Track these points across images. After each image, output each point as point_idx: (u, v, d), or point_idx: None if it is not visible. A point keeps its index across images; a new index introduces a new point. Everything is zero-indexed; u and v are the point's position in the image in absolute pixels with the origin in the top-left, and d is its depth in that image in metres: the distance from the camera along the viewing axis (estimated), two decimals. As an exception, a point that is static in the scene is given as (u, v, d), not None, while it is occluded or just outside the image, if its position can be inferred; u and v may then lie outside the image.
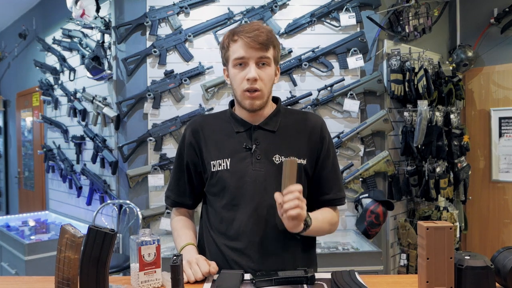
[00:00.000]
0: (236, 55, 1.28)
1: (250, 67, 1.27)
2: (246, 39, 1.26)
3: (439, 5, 3.38)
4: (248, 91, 1.28)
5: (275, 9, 2.93)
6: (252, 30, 1.27)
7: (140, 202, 2.96)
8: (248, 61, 1.28)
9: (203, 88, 2.90)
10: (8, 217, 4.04)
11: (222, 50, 1.34)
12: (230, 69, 1.32)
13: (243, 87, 1.29)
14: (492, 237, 3.68)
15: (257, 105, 1.31)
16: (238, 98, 1.33)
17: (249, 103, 1.30)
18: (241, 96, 1.30)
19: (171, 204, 1.48)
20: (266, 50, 1.28)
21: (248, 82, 1.27)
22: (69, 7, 2.96)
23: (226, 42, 1.31)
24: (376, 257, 2.45)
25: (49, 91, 4.00)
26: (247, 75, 1.27)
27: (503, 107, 3.62)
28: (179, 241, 1.40)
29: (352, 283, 1.13)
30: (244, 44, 1.26)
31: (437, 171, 2.99)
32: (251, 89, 1.28)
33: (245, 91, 1.29)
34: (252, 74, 1.26)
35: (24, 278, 1.38)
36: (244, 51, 1.27)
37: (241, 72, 1.29)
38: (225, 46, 1.32)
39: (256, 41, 1.26)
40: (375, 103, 2.97)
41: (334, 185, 1.40)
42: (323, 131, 1.39)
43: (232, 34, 1.30)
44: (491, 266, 1.04)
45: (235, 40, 1.28)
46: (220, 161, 1.33)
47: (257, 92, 1.29)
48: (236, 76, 1.30)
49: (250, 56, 1.27)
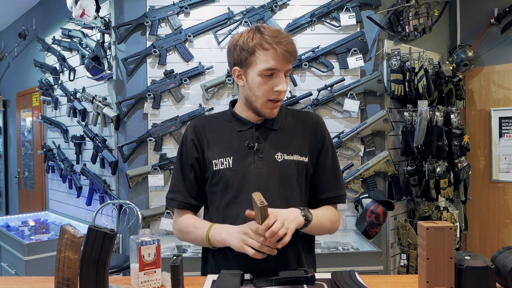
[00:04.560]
0: (268, 66, 1.25)
1: (280, 79, 1.26)
2: (282, 51, 1.24)
3: (439, 5, 3.38)
4: (273, 101, 1.29)
5: (275, 9, 2.92)
6: (289, 43, 1.25)
7: (140, 202, 2.96)
8: (278, 73, 1.26)
9: (203, 88, 2.90)
10: (8, 217, 4.04)
11: (243, 52, 1.27)
12: (252, 76, 1.28)
13: (269, 97, 1.28)
14: (492, 237, 3.68)
15: (276, 113, 1.33)
16: (257, 105, 1.30)
17: (269, 112, 1.31)
18: (263, 104, 1.29)
19: (178, 206, 1.39)
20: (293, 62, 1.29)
21: (276, 93, 1.27)
22: (69, 7, 2.96)
23: (251, 46, 1.26)
24: (376, 257, 2.45)
25: (49, 91, 3.99)
26: (277, 86, 1.26)
27: (503, 107, 3.62)
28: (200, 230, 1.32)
29: (352, 283, 1.13)
30: (278, 55, 1.24)
31: (437, 171, 2.99)
32: (276, 100, 1.28)
33: (269, 101, 1.29)
34: (284, 87, 1.27)
35: (24, 278, 1.38)
36: (277, 63, 1.25)
37: (269, 81, 1.27)
38: (248, 50, 1.26)
39: (292, 54, 1.26)
40: (375, 103, 2.97)
41: (335, 183, 1.40)
42: (323, 130, 1.40)
43: (260, 40, 1.25)
44: (491, 266, 1.04)
45: (266, 48, 1.24)
46: (222, 159, 1.33)
47: (279, 102, 1.30)
48: (262, 85, 1.27)
49: (282, 68, 1.26)
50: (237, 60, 1.30)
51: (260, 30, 1.27)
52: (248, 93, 1.31)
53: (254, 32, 1.27)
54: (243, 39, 1.28)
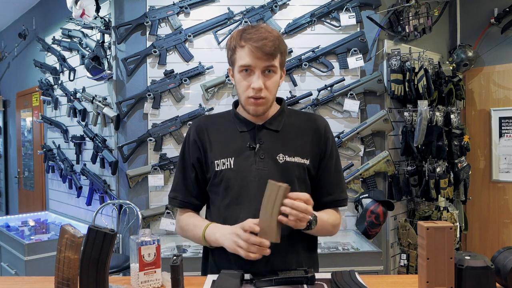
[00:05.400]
0: (242, 63, 1.26)
1: (255, 76, 1.26)
2: (253, 48, 1.24)
3: (439, 5, 3.38)
4: (253, 98, 1.28)
5: (275, 9, 2.92)
6: (260, 39, 1.24)
7: (140, 202, 2.96)
8: (254, 70, 1.26)
9: (203, 88, 2.90)
10: (8, 217, 4.03)
11: (229, 51, 1.32)
12: (235, 74, 1.31)
13: (248, 94, 1.28)
14: (492, 237, 3.68)
15: (260, 111, 1.31)
16: (242, 102, 1.32)
17: (253, 109, 1.30)
18: (245, 101, 1.30)
19: (179, 205, 1.41)
20: (272, 59, 1.26)
21: (253, 90, 1.26)
22: (69, 7, 2.96)
23: (233, 45, 1.29)
24: (376, 257, 2.45)
25: (49, 91, 3.99)
26: (252, 84, 1.26)
27: (503, 107, 3.62)
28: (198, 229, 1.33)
29: (352, 283, 1.13)
30: (250, 52, 1.24)
31: (437, 171, 2.99)
32: (255, 97, 1.28)
33: (249, 98, 1.28)
34: (257, 84, 1.26)
35: (24, 278, 1.38)
36: (250, 60, 1.25)
37: (246, 79, 1.28)
38: (232, 48, 1.30)
39: (263, 51, 1.24)
40: (375, 103, 2.97)
41: (337, 186, 1.40)
42: (327, 132, 1.40)
43: (239, 38, 1.27)
44: (491, 266, 1.04)
45: (242, 46, 1.26)
46: (224, 160, 1.33)
47: (262, 100, 1.29)
48: (241, 82, 1.29)
49: (256, 65, 1.26)
50: (228, 59, 1.35)
51: (245, 30, 1.29)
52: (236, 91, 1.34)
53: (238, 32, 1.30)
54: (231, 38, 1.32)
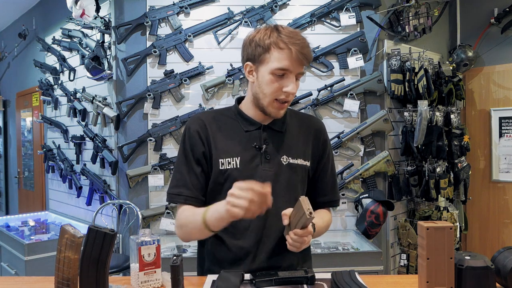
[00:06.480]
0: (281, 65, 1.23)
1: (291, 80, 1.24)
2: (298, 53, 1.22)
3: (439, 5, 3.38)
4: (280, 102, 1.27)
5: (275, 9, 2.92)
6: (305, 46, 1.24)
7: (140, 202, 2.96)
8: (289, 74, 1.25)
9: (203, 88, 2.90)
10: (8, 217, 4.03)
11: (258, 48, 1.26)
12: (263, 73, 1.26)
13: (277, 96, 1.26)
14: (492, 237, 3.68)
15: (281, 114, 1.31)
16: (264, 103, 1.29)
17: (276, 112, 1.29)
18: (270, 103, 1.28)
19: (185, 201, 1.31)
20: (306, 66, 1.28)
21: (285, 94, 1.25)
22: (69, 7, 2.96)
23: (267, 44, 1.24)
24: (376, 257, 2.45)
25: (49, 91, 3.99)
26: (286, 87, 1.24)
27: (503, 107, 3.62)
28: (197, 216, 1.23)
29: (352, 283, 1.13)
30: (292, 56, 1.23)
31: (437, 171, 2.99)
32: (283, 101, 1.27)
33: (276, 101, 1.27)
34: (293, 89, 1.25)
35: (24, 278, 1.38)
36: (290, 64, 1.23)
37: (279, 81, 1.25)
38: (264, 46, 1.25)
39: (306, 57, 1.24)
40: (375, 103, 2.97)
41: (332, 188, 1.44)
42: (325, 135, 1.43)
43: (277, 39, 1.24)
44: (491, 266, 1.04)
45: (281, 47, 1.23)
46: (229, 159, 1.31)
47: (286, 104, 1.29)
48: (272, 84, 1.25)
49: (293, 69, 1.24)
50: (251, 55, 1.29)
51: (278, 29, 1.26)
52: (257, 90, 1.29)
53: (272, 30, 1.26)
54: (260, 35, 1.27)
